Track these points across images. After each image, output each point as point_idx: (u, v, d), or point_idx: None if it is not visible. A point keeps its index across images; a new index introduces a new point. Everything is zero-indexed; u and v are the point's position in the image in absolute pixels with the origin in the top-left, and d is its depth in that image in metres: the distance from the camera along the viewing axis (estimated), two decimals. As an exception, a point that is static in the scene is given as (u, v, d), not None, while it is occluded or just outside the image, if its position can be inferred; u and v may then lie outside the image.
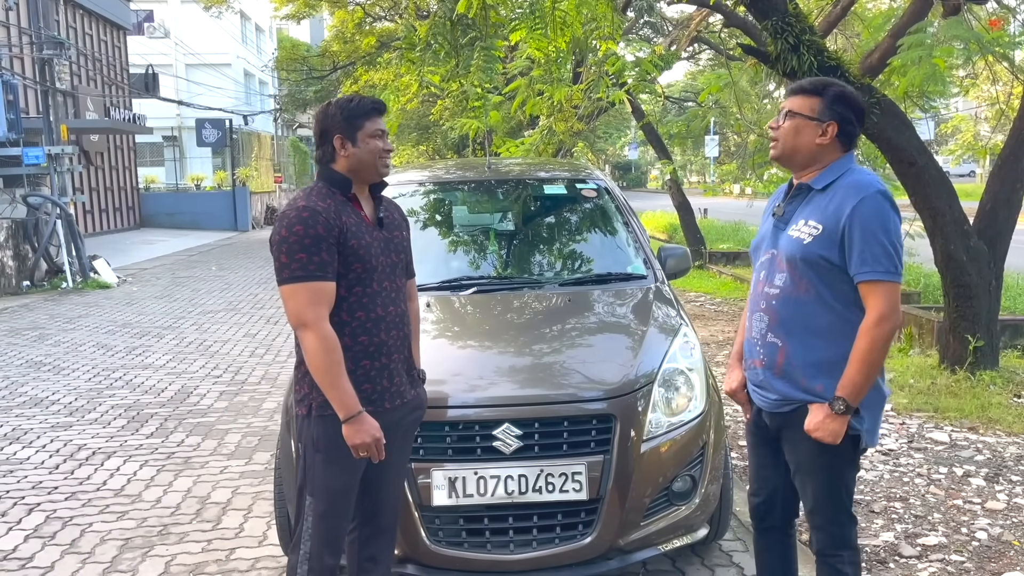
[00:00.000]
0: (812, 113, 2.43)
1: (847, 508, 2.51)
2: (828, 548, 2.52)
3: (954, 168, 36.08)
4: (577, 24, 6.96)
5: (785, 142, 2.47)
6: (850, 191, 2.37)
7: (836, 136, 2.43)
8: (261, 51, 41.60)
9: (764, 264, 2.55)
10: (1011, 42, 7.14)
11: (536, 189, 4.70)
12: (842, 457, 2.44)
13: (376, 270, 2.49)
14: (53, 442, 5.39)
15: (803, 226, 2.42)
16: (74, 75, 20.26)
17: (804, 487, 2.53)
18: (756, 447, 2.70)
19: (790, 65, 5.62)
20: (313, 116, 2.62)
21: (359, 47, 20.73)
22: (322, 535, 2.49)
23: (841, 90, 2.45)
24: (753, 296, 2.58)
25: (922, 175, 5.93)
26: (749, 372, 2.61)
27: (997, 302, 6.34)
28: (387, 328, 2.51)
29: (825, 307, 2.40)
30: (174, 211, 27.09)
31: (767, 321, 2.49)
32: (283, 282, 2.39)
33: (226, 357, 7.87)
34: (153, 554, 3.75)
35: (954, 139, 31.05)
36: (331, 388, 2.37)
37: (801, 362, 2.43)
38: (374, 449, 2.40)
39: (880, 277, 2.30)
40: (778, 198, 2.64)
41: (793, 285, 2.43)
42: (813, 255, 2.38)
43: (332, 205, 2.44)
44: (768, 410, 2.54)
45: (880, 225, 2.31)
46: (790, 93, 2.50)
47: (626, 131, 42.44)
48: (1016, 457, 4.73)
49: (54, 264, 13.67)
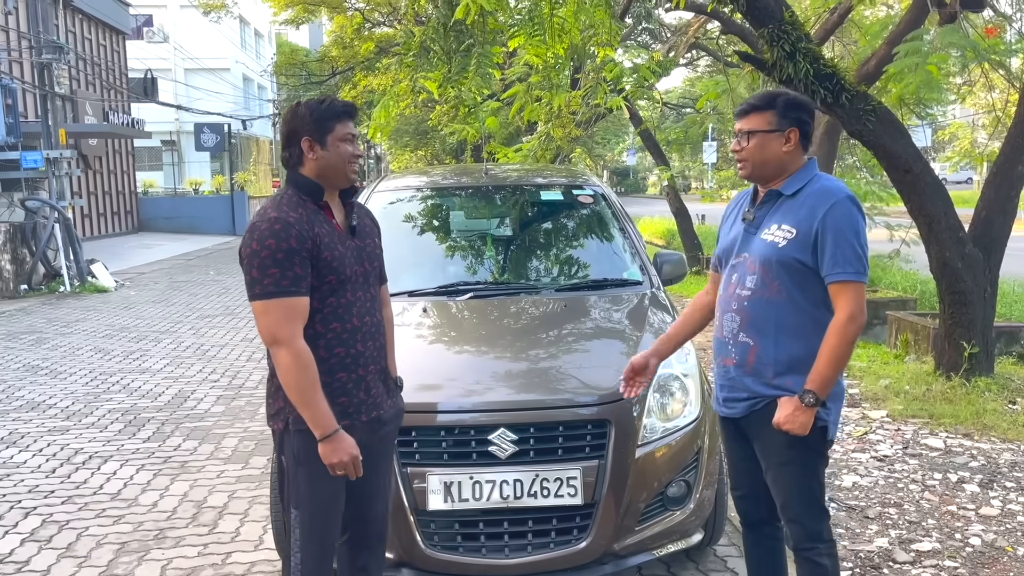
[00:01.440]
0: (770, 126, 2.52)
1: (819, 501, 2.58)
2: (804, 541, 2.57)
3: (951, 175, 36.15)
4: (575, 31, 6.99)
5: (754, 160, 2.55)
6: (821, 197, 2.48)
7: (798, 140, 2.53)
8: (260, 56, 41.66)
9: (735, 267, 2.63)
10: (1007, 50, 7.18)
11: (533, 195, 4.72)
12: (812, 449, 2.53)
13: (350, 280, 2.43)
14: (50, 446, 5.39)
15: (776, 230, 2.51)
16: (73, 79, 20.25)
17: (776, 482, 2.60)
18: (731, 443, 2.77)
19: (786, 72, 5.64)
20: (282, 116, 2.59)
21: (358, 52, 20.78)
22: (311, 546, 2.45)
23: (788, 97, 2.54)
24: (724, 298, 2.66)
25: (918, 182, 5.96)
26: (719, 370, 2.69)
27: (992, 309, 6.36)
28: (363, 339, 2.45)
29: (795, 307, 2.50)
30: (172, 215, 27.09)
31: (739, 321, 2.57)
32: (255, 298, 2.30)
33: (223, 361, 7.88)
34: (149, 558, 3.75)
35: (951, 146, 31.10)
36: (305, 406, 2.31)
37: (772, 359, 2.52)
38: (351, 467, 2.34)
39: (850, 278, 2.42)
40: (741, 204, 2.73)
41: (765, 287, 2.52)
42: (788, 258, 2.48)
43: (304, 215, 2.35)
44: (738, 416, 2.63)
45: (851, 228, 2.43)
46: (740, 115, 2.58)
47: (624, 137, 42.47)
48: (1010, 464, 4.74)
49: (52, 268, 13.67)
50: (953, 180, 37.32)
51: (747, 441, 2.67)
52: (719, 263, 2.75)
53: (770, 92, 2.61)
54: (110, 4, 24.01)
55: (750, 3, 5.67)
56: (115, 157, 25.07)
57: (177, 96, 30.70)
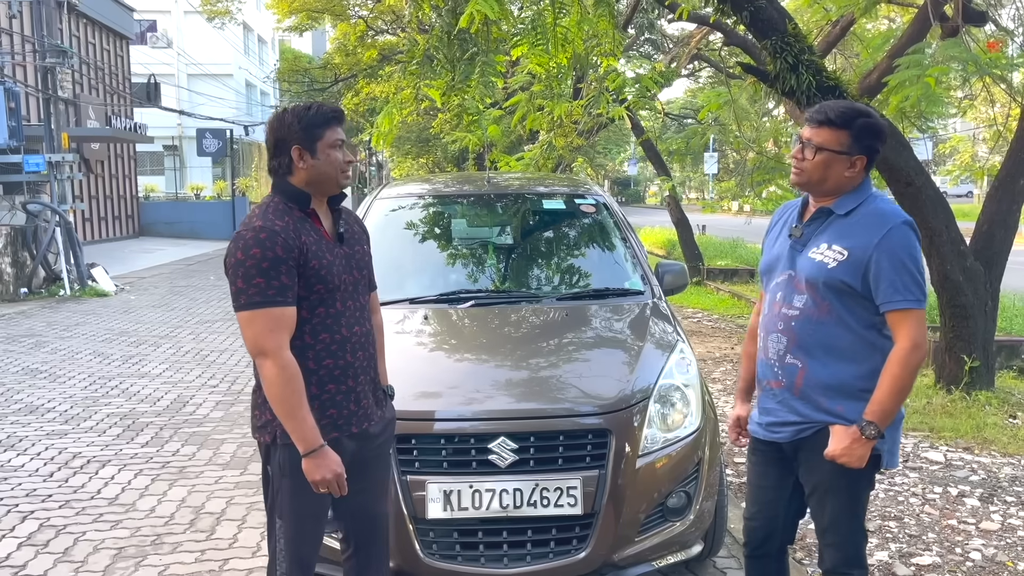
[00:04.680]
0: (841, 148, 2.38)
1: (862, 526, 2.52)
2: (842, 566, 2.50)
3: (952, 188, 36.19)
4: (578, 40, 7.01)
5: (812, 175, 2.43)
6: (876, 220, 2.37)
7: (864, 167, 2.42)
8: (263, 62, 41.78)
9: (780, 285, 2.53)
10: (1009, 64, 7.18)
11: (535, 203, 4.72)
12: (863, 478, 2.44)
13: (339, 289, 2.37)
14: (48, 450, 5.38)
15: (826, 250, 2.41)
16: (76, 83, 20.28)
17: (821, 507, 2.51)
18: (760, 467, 2.66)
19: (789, 84, 5.66)
20: (267, 124, 2.47)
21: (361, 60, 20.84)
22: (294, 557, 2.42)
23: (868, 122, 2.40)
24: (769, 317, 2.55)
25: (919, 195, 5.96)
26: (764, 394, 2.59)
27: (993, 322, 6.36)
28: (353, 349, 2.40)
29: (846, 329, 2.40)
30: (173, 220, 27.13)
31: (786, 342, 2.47)
32: (240, 308, 2.25)
33: (223, 367, 7.87)
34: (146, 564, 3.74)
35: (952, 159, 31.16)
36: (290, 420, 2.25)
37: (822, 383, 2.43)
38: (335, 485, 2.29)
39: (911, 305, 2.32)
40: (788, 217, 2.61)
41: (814, 306, 2.43)
42: (835, 280, 2.38)
43: (290, 223, 2.30)
44: (785, 441, 2.53)
45: (908, 255, 2.33)
46: (815, 123, 2.42)
47: (625, 147, 42.56)
48: (1011, 478, 4.73)
49: (52, 271, 13.67)
50: (954, 193, 37.36)
51: (783, 466, 2.58)
52: (764, 279, 2.65)
53: (852, 108, 2.43)
54: (114, 9, 24.10)
55: (753, 15, 5.69)
56: (117, 161, 25.12)
57: (180, 101, 30.79)
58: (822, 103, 2.50)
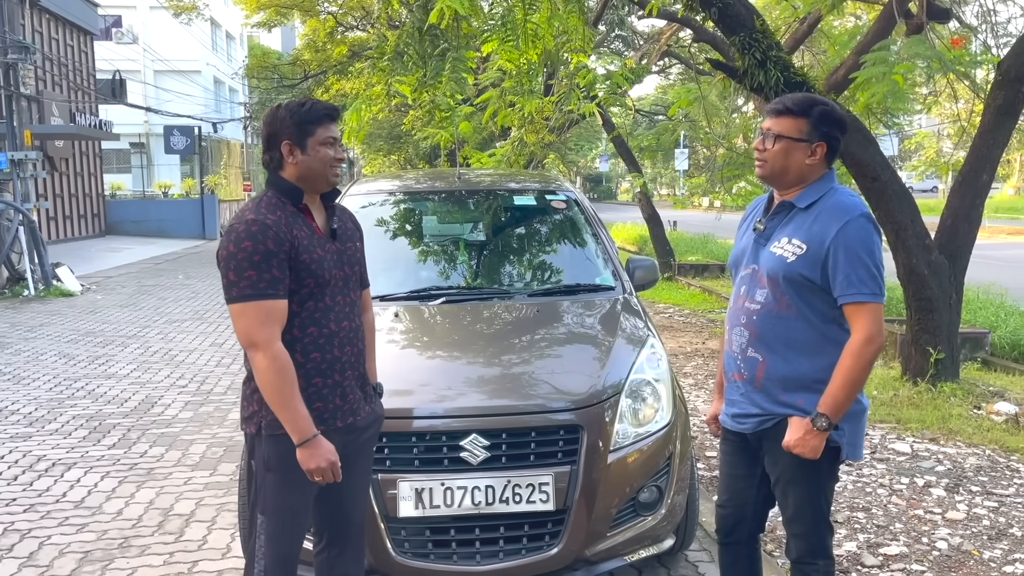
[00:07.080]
0: (800, 135, 2.41)
1: (826, 517, 2.55)
2: (806, 556, 2.54)
3: (918, 184, 36.77)
4: (549, 37, 7.02)
5: (774, 164, 2.45)
6: (834, 213, 2.38)
7: (824, 155, 2.45)
8: (231, 58, 41.33)
9: (744, 279, 2.56)
10: (972, 61, 7.30)
11: (506, 200, 4.71)
12: (823, 469, 2.47)
13: (329, 284, 2.40)
14: (11, 453, 5.27)
15: (786, 244, 2.43)
16: (39, 80, 19.94)
17: (785, 496, 2.55)
18: (729, 456, 2.70)
19: (757, 80, 5.70)
20: (261, 118, 2.51)
21: (331, 56, 20.70)
22: (275, 554, 2.42)
23: (826, 110, 2.43)
24: (733, 311, 2.59)
25: (885, 190, 6.04)
26: (729, 385, 2.62)
27: (958, 315, 6.46)
28: (340, 344, 2.42)
29: (805, 323, 2.42)
30: (141, 218, 26.73)
31: (748, 336, 2.50)
32: (231, 300, 2.28)
33: (192, 367, 7.77)
34: (113, 567, 3.68)
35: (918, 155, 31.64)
36: (283, 410, 2.28)
37: (781, 376, 2.45)
38: (330, 473, 2.33)
39: (866, 299, 2.33)
40: (755, 212, 2.64)
41: (774, 301, 2.45)
42: (795, 274, 2.40)
43: (282, 217, 2.33)
44: (749, 432, 2.56)
45: (865, 248, 2.34)
46: (774, 114, 2.45)
47: (597, 143, 42.71)
48: (976, 468, 4.81)
49: (16, 272, 13.41)
50: (919, 188, 37.96)
51: (749, 456, 2.62)
52: (733, 272, 2.66)
53: (809, 98, 2.47)
54: (78, 4, 23.67)
55: (722, 12, 5.73)
56: (82, 159, 24.70)
57: (146, 98, 30.40)
58: (782, 95, 2.54)
